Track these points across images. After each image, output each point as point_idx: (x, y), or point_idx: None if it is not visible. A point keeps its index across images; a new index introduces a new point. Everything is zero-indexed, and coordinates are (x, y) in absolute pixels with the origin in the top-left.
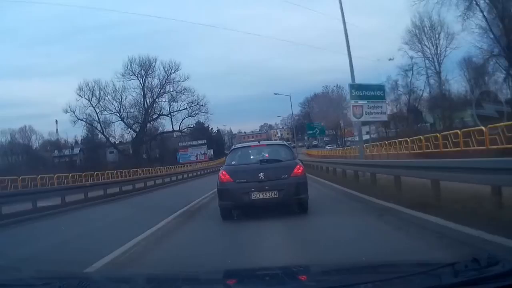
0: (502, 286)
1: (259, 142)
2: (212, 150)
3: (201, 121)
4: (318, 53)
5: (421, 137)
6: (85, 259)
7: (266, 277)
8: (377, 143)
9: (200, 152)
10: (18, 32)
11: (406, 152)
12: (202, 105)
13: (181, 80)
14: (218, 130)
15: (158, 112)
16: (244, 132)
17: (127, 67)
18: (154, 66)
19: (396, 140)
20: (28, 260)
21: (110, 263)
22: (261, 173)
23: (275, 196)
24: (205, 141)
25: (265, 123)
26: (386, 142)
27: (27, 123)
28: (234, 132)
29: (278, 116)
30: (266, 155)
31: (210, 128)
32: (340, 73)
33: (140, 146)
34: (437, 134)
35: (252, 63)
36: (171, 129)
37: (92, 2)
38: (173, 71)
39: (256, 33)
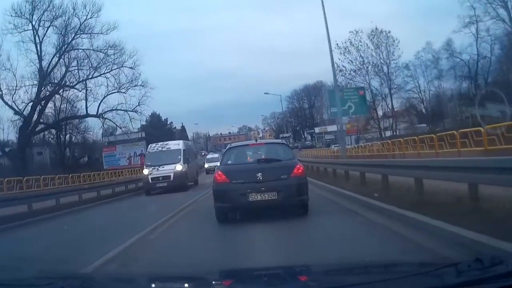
0: (506, 286)
1: (256, 140)
2: None
3: (156, 112)
4: (299, 59)
5: None
6: None
7: (268, 277)
8: (455, 132)
9: (135, 153)
10: None
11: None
12: (132, 68)
13: (102, 31)
14: (183, 126)
15: (62, 82)
16: (221, 133)
17: (15, 11)
18: (60, 7)
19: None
20: None
21: None
22: (259, 173)
23: (274, 197)
24: (143, 134)
25: (244, 125)
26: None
27: None
28: (211, 135)
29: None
30: (264, 154)
31: (169, 123)
32: (323, 77)
33: (31, 141)
34: None
35: (230, 69)
36: (85, 113)
37: None
38: (89, 16)
39: (233, 40)
